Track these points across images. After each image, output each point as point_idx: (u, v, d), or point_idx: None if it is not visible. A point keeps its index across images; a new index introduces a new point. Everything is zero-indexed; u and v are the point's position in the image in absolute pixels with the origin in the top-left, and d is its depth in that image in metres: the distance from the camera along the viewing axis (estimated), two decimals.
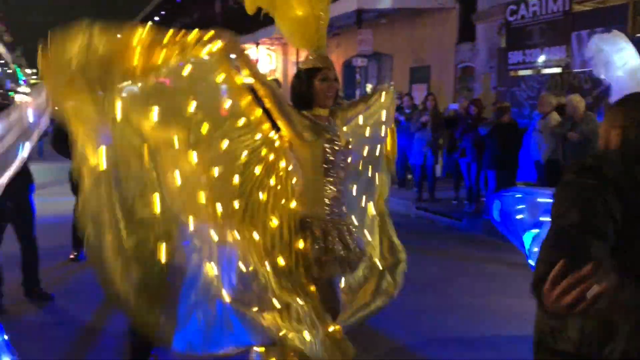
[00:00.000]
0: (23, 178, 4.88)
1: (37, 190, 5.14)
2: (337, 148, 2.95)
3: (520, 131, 8.17)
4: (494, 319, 4.75)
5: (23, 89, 37.36)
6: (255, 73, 2.84)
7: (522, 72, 11.20)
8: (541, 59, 10.48)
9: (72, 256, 6.18)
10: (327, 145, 2.92)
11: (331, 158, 2.93)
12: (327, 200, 2.95)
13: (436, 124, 9.42)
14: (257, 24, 15.51)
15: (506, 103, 8.73)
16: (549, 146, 7.52)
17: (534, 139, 7.79)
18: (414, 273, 5.98)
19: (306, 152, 2.94)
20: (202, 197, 2.68)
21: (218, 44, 2.68)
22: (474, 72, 13.23)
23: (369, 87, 17.68)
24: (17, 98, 17.39)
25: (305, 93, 2.96)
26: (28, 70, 62.18)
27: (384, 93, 3.50)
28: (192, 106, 2.64)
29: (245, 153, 2.81)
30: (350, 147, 3.08)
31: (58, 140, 4.76)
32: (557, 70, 10.31)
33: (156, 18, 40.83)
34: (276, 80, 6.65)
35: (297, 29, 2.97)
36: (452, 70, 13.95)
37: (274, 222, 2.85)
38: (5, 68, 31.32)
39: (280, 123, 2.91)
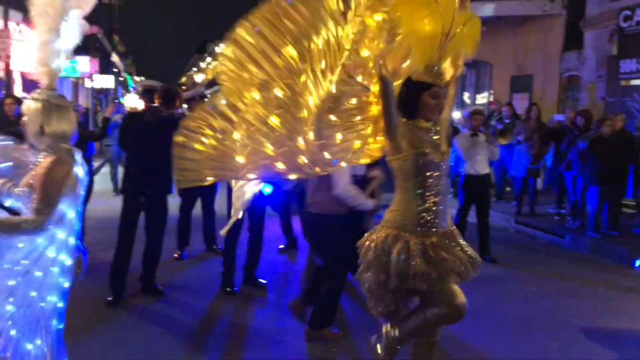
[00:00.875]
0: (167, 178, 5.20)
1: None
2: (431, 161, 2.93)
3: (636, 145, 7.65)
4: (597, 344, 4.47)
5: (131, 95, 39.84)
6: (381, 66, 2.86)
7: (635, 82, 10.49)
8: None
9: (175, 255, 6.51)
10: (421, 157, 2.90)
11: (425, 171, 2.91)
12: (419, 213, 2.92)
13: (540, 135, 9.03)
14: None
15: (622, 115, 8.20)
16: None
17: None
18: (512, 290, 5.81)
19: (399, 163, 2.94)
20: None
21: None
22: (580, 82, 12.57)
23: (466, 96, 17.28)
24: (127, 103, 18.59)
25: (411, 103, 2.94)
26: (137, 78, 66.25)
27: None
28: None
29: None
30: (444, 161, 3.01)
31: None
32: None
33: None
34: None
35: (420, 44, 2.90)
36: (556, 80, 13.33)
37: None
38: (118, 76, 33.82)
39: (382, 124, 2.92)
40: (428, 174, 2.92)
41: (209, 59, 65.23)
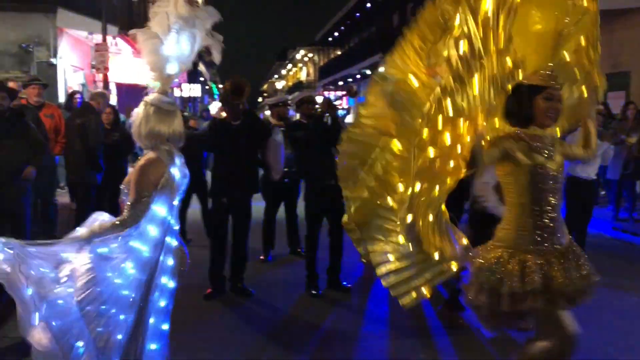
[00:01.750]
0: (252, 181, 5.38)
1: None
2: (548, 173, 2.73)
3: None
4: None
5: (217, 103, 41.37)
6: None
7: None
8: None
9: (261, 257, 6.65)
10: (536, 170, 2.72)
11: (540, 185, 2.72)
12: (535, 230, 2.73)
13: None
14: None
15: None
16: None
17: None
18: (609, 300, 5.46)
19: (511, 177, 2.77)
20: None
21: None
22: None
23: None
24: (213, 111, 19.30)
25: (525, 110, 2.76)
26: (221, 86, 68.60)
27: None
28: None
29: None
30: (561, 173, 2.81)
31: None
32: None
33: (336, 34, 42.53)
34: None
35: (530, 44, 2.74)
36: None
37: None
38: (204, 85, 35.29)
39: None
40: (543, 187, 2.73)
41: (289, 66, 66.54)
